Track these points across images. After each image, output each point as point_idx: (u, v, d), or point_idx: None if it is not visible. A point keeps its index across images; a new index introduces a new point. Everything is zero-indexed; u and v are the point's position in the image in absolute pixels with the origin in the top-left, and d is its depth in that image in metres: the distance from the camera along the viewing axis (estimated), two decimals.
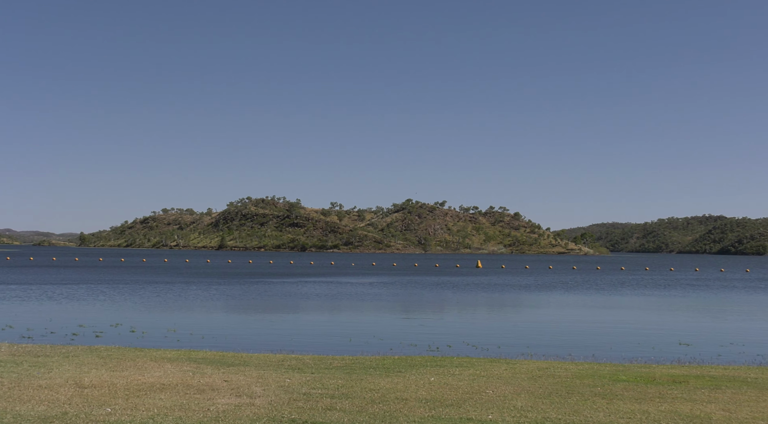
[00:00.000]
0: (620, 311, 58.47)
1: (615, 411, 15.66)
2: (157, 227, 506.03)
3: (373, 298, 68.52)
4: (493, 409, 15.73)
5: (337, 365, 22.86)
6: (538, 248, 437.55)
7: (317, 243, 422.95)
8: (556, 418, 14.92)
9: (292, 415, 14.88)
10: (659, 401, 16.98)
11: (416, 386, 18.58)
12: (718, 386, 19.23)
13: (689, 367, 24.33)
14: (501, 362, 24.54)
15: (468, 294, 76.21)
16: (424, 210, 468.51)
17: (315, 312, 54.96)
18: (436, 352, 31.27)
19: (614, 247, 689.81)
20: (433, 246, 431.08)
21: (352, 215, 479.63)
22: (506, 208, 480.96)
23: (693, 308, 62.46)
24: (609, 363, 25.54)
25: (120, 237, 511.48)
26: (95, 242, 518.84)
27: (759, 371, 22.99)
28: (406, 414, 15.11)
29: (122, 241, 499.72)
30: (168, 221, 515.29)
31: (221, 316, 51.37)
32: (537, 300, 69.84)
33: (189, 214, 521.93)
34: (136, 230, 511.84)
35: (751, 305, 66.23)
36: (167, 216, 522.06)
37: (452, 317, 53.46)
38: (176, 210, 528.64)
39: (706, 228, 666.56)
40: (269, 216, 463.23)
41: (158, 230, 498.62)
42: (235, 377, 19.50)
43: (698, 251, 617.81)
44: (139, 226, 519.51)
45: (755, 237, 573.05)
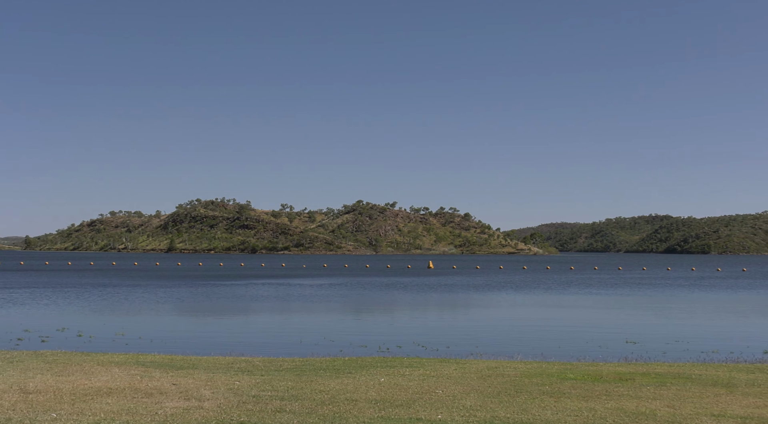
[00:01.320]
0: (569, 310, 59.10)
1: (562, 409, 15.83)
2: (105, 229, 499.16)
3: (323, 299, 68.42)
4: (443, 409, 15.80)
5: (287, 367, 22.78)
6: (489, 248, 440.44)
7: (268, 245, 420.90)
8: (504, 417, 15.04)
9: (241, 418, 14.80)
10: (606, 398, 17.20)
11: (366, 386, 18.60)
12: (663, 383, 19.54)
13: (635, 364, 24.68)
14: (451, 361, 24.66)
15: (419, 295, 76.44)
16: (374, 211, 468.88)
17: (265, 314, 54.73)
18: (387, 353, 31.33)
19: (563, 247, 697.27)
20: (384, 247, 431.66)
21: (303, 216, 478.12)
22: (456, 209, 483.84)
23: (640, 307, 63.36)
24: (557, 362, 25.79)
25: (67, 240, 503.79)
26: (41, 246, 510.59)
27: (703, 368, 23.40)
28: (355, 415, 15.12)
29: (69, 244, 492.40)
30: (116, 223, 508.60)
31: (170, 319, 50.90)
32: (487, 300, 70.30)
33: (137, 216, 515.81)
34: (84, 233, 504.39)
35: (696, 303, 67.38)
36: (115, 219, 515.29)
37: (403, 317, 53.59)
38: (124, 212, 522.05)
39: (653, 227, 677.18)
40: (219, 218, 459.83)
41: (106, 232, 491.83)
42: (183, 381, 19.33)
43: (645, 250, 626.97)
44: (86, 229, 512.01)
45: (700, 236, 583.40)
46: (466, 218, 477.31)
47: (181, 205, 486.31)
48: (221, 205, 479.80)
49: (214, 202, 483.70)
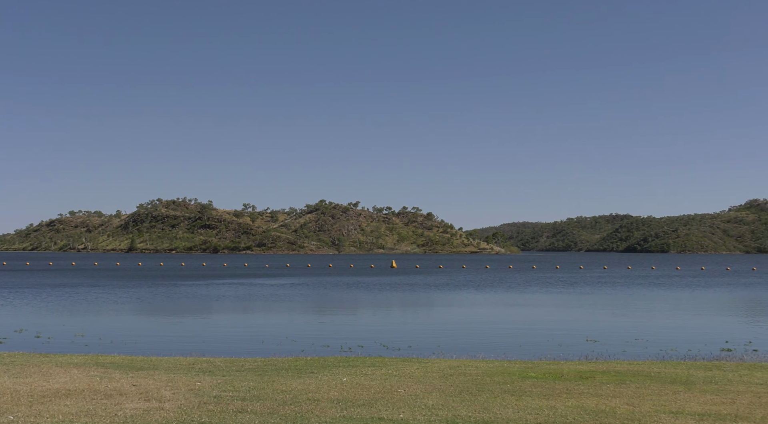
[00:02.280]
0: (530, 309, 59.47)
1: (524, 407, 15.92)
2: (64, 229, 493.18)
3: (286, 299, 68.23)
4: (405, 408, 15.82)
5: (248, 367, 22.68)
6: (451, 247, 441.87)
7: (230, 245, 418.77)
8: (466, 415, 15.09)
9: (202, 418, 14.71)
10: (566, 396, 17.33)
11: (328, 386, 18.57)
12: (623, 381, 19.73)
13: (596, 363, 24.90)
14: (413, 361, 24.71)
15: (382, 294, 76.51)
16: (337, 211, 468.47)
17: (227, 314, 54.46)
18: (349, 352, 31.31)
19: (525, 246, 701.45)
20: (346, 247, 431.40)
21: (265, 216, 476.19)
22: (419, 208, 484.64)
23: (600, 306, 63.92)
24: (519, 361, 25.93)
25: (25, 240, 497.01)
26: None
27: (662, 366, 23.66)
28: (317, 415, 15.09)
29: (27, 244, 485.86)
30: (75, 223, 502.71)
31: (131, 319, 50.47)
32: (449, 299, 70.54)
33: (97, 216, 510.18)
34: (42, 233, 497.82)
35: (655, 302, 68.14)
36: (74, 218, 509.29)
37: (365, 317, 53.61)
38: (84, 212, 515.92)
39: (613, 227, 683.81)
40: (180, 218, 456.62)
41: (65, 232, 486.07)
42: (144, 382, 19.16)
43: (606, 249, 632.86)
44: (45, 229, 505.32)
45: (660, 235, 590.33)
46: (428, 217, 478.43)
47: (142, 205, 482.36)
48: (183, 205, 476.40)
49: (176, 202, 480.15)
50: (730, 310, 61.66)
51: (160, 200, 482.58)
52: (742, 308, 64.47)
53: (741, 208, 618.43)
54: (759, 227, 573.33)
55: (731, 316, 56.11)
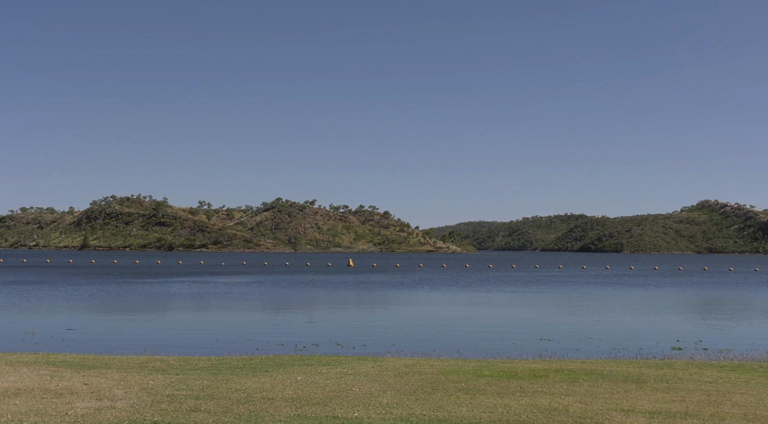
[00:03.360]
0: (486, 308, 59.78)
1: (478, 406, 16.00)
2: (15, 226, 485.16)
3: (241, 297, 67.85)
4: (360, 406, 15.82)
5: (202, 366, 22.52)
6: (408, 246, 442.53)
7: (185, 242, 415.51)
8: (420, 414, 15.13)
9: (154, 417, 14.57)
10: (520, 395, 17.45)
11: (283, 385, 18.51)
12: (575, 380, 19.91)
13: (549, 361, 25.09)
14: (368, 359, 24.71)
15: (338, 293, 76.43)
16: (294, 209, 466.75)
17: (181, 312, 54.02)
18: (304, 351, 31.23)
19: (481, 245, 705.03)
20: (303, 245, 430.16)
21: (221, 213, 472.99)
22: (376, 207, 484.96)
23: (554, 304, 64.48)
24: (473, 359, 26.05)
25: None
26: None
27: (614, 364, 23.92)
28: (272, 414, 15.03)
29: None
30: (27, 220, 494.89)
31: (83, 317, 49.84)
32: (405, 298, 70.66)
33: (49, 212, 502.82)
34: None
35: (609, 301, 68.88)
36: (26, 215, 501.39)
37: (321, 315, 53.50)
38: (35, 209, 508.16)
39: (568, 226, 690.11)
40: (135, 215, 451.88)
41: (16, 229, 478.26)
42: (95, 380, 18.94)
43: (561, 248, 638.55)
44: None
45: (614, 235, 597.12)
46: (385, 216, 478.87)
47: (96, 202, 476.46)
48: (137, 202, 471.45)
49: (130, 199, 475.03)
50: (681, 309, 62.56)
51: (114, 197, 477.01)
52: (693, 307, 65.45)
53: (693, 209, 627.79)
54: (710, 228, 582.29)
55: (682, 315, 56.94)
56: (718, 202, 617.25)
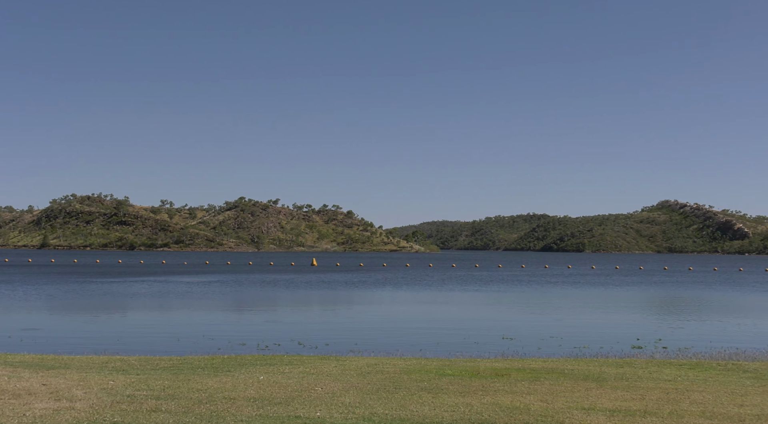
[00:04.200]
0: (449, 307, 59.94)
1: (440, 405, 16.03)
2: None
3: (203, 297, 67.41)
4: (322, 406, 15.78)
5: (163, 366, 22.34)
6: (371, 245, 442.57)
7: (147, 242, 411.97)
8: (383, 413, 15.13)
9: (114, 418, 14.42)
10: (482, 393, 17.51)
11: (245, 385, 18.41)
12: (537, 378, 20.03)
13: (511, 360, 25.22)
14: (331, 359, 24.66)
15: (301, 292, 76.24)
16: (257, 208, 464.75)
17: (142, 312, 53.54)
18: (266, 350, 31.08)
19: (444, 244, 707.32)
20: (266, 244, 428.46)
21: (184, 213, 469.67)
22: (339, 206, 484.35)
23: (517, 304, 64.81)
24: (436, 358, 26.12)
25: None
26: None
27: (575, 363, 24.11)
28: (233, 414, 14.94)
29: None
30: None
31: (42, 317, 49.20)
32: (368, 297, 70.64)
33: (8, 211, 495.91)
34: None
35: (571, 300, 69.40)
36: None
37: (284, 315, 53.30)
38: None
39: (531, 226, 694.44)
40: (95, 214, 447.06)
41: None
42: (54, 381, 18.70)
43: (523, 248, 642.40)
44: None
45: (575, 235, 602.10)
46: (348, 215, 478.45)
47: (55, 201, 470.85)
48: (98, 201, 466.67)
49: (91, 198, 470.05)
50: (641, 308, 63.19)
51: (74, 196, 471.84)
52: (653, 306, 66.13)
53: (653, 209, 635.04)
54: (670, 228, 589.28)
55: (643, 314, 57.51)
56: (678, 203, 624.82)
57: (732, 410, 15.97)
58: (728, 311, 58.57)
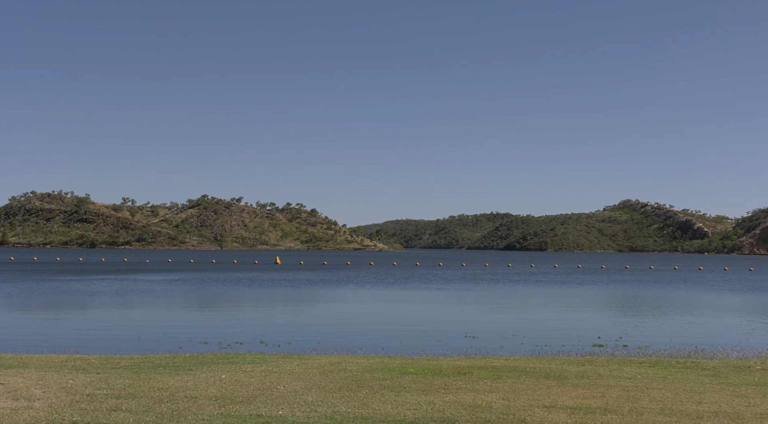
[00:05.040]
0: (412, 305, 60.06)
1: (402, 403, 16.06)
2: None
3: (165, 295, 66.92)
4: (284, 404, 15.74)
5: (124, 365, 22.14)
6: (335, 244, 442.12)
7: (108, 240, 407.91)
8: (345, 411, 15.12)
9: (74, 417, 14.27)
10: (444, 391, 17.56)
11: (207, 383, 18.30)
12: (499, 376, 20.13)
13: (474, 358, 25.33)
14: (293, 357, 24.60)
15: (264, 290, 75.98)
16: (220, 206, 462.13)
17: (103, 310, 53.05)
18: (228, 349, 30.93)
19: (408, 243, 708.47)
20: (229, 242, 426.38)
21: (145, 210, 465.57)
22: (303, 204, 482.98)
23: (480, 302, 65.11)
24: (399, 356, 26.15)
25: None
26: None
27: (537, 361, 24.26)
28: (195, 412, 14.85)
29: None
30: None
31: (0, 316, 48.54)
32: (331, 295, 70.58)
33: None
34: None
35: (533, 298, 69.85)
36: None
37: (247, 313, 53.09)
38: None
39: (494, 225, 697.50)
40: (56, 211, 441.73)
41: None
42: (12, 380, 18.45)
43: (486, 247, 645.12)
44: None
45: (538, 234, 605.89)
46: (312, 213, 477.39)
47: (15, 198, 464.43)
48: (58, 198, 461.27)
49: (51, 195, 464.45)
50: (603, 306, 63.75)
51: (34, 193, 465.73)
52: (614, 304, 66.78)
53: (615, 208, 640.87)
54: (631, 227, 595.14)
55: (604, 312, 58.02)
56: (639, 202, 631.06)
57: (690, 407, 16.17)
58: (688, 310, 59.31)
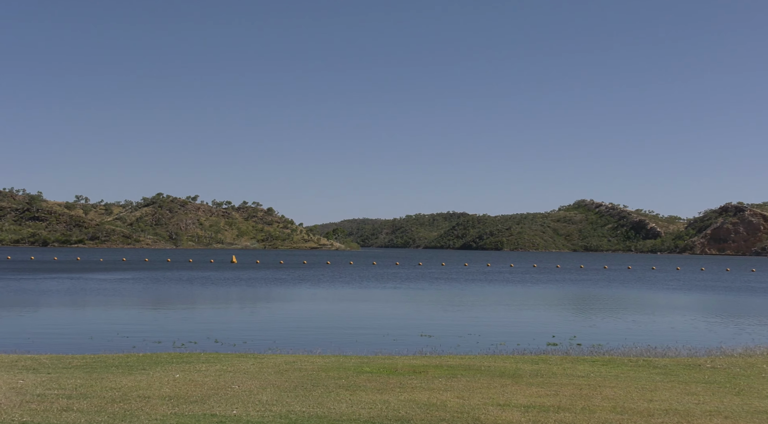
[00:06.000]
0: (368, 305, 60.07)
1: (357, 402, 16.06)
2: None
3: (119, 294, 66.18)
4: (238, 404, 15.66)
5: (76, 365, 21.86)
6: (292, 243, 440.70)
7: (61, 238, 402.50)
8: (300, 411, 15.08)
9: (23, 418, 14.06)
10: (399, 390, 17.59)
11: (160, 383, 18.15)
12: (454, 375, 20.21)
13: (429, 357, 25.40)
14: (249, 356, 24.48)
15: (220, 289, 75.49)
16: (175, 204, 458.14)
17: (55, 309, 52.30)
18: (183, 349, 30.68)
19: (365, 242, 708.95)
20: (184, 241, 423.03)
21: (99, 208, 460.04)
22: (259, 203, 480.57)
23: (436, 301, 65.30)
24: (354, 356, 26.14)
25: None
26: None
27: (492, 360, 24.40)
28: (147, 412, 14.71)
29: None
30: None
31: None
32: (287, 294, 70.34)
33: None
34: None
35: (489, 297, 70.20)
36: None
37: (202, 312, 52.69)
38: None
39: (451, 224, 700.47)
40: (6, 209, 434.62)
41: None
42: None
43: (443, 246, 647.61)
44: None
45: (494, 233, 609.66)
46: (269, 212, 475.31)
47: None
48: (9, 196, 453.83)
49: (2, 193, 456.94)
50: (557, 306, 64.31)
51: None
52: (568, 303, 67.38)
53: (570, 208, 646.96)
54: (586, 227, 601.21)
55: (559, 311, 58.54)
56: (594, 202, 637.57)
57: (642, 405, 16.37)
58: (641, 309, 60.05)
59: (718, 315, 56.65)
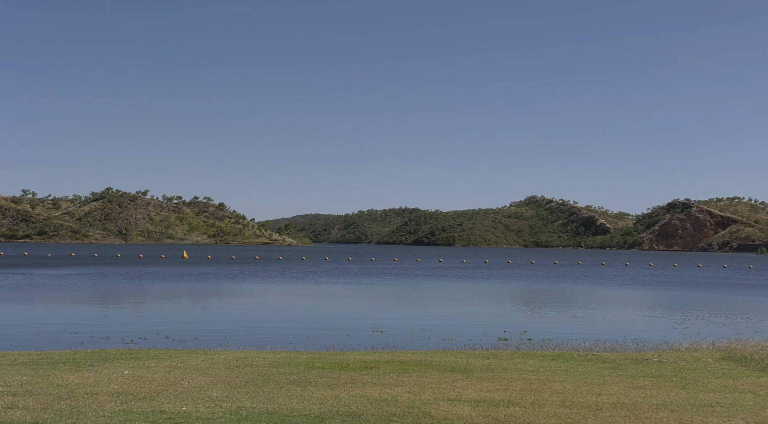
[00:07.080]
0: (320, 300, 59.95)
1: (308, 397, 16.02)
2: None
3: (66, 290, 65.24)
4: (188, 400, 15.53)
5: (22, 361, 21.51)
6: (243, 238, 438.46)
7: (7, 233, 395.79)
8: (250, 407, 15.00)
9: None
10: (351, 386, 17.59)
11: (108, 379, 17.94)
12: (405, 370, 20.26)
13: (381, 353, 25.43)
14: (199, 353, 24.31)
15: (170, 285, 74.81)
16: (125, 199, 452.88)
17: (0, 305, 51.35)
18: (132, 345, 30.36)
19: (317, 238, 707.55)
20: (134, 236, 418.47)
21: (47, 203, 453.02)
22: (211, 198, 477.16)
23: (388, 296, 65.38)
24: (306, 351, 26.09)
25: None
26: None
27: (443, 355, 24.50)
28: (95, 409, 14.53)
29: None
30: None
31: None
32: (239, 290, 69.96)
33: None
34: None
35: (440, 293, 70.47)
36: None
37: (152, 308, 52.14)
38: None
39: (403, 220, 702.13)
40: None
41: None
42: None
43: (395, 241, 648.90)
44: None
45: (446, 229, 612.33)
46: (220, 207, 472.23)
47: None
48: None
49: None
50: (508, 301, 64.79)
51: None
52: (519, 299, 67.93)
53: (521, 204, 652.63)
54: (537, 223, 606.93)
55: (510, 307, 58.98)
56: (545, 198, 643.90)
57: (590, 399, 16.56)
58: (590, 304, 60.72)
59: (665, 310, 57.54)
